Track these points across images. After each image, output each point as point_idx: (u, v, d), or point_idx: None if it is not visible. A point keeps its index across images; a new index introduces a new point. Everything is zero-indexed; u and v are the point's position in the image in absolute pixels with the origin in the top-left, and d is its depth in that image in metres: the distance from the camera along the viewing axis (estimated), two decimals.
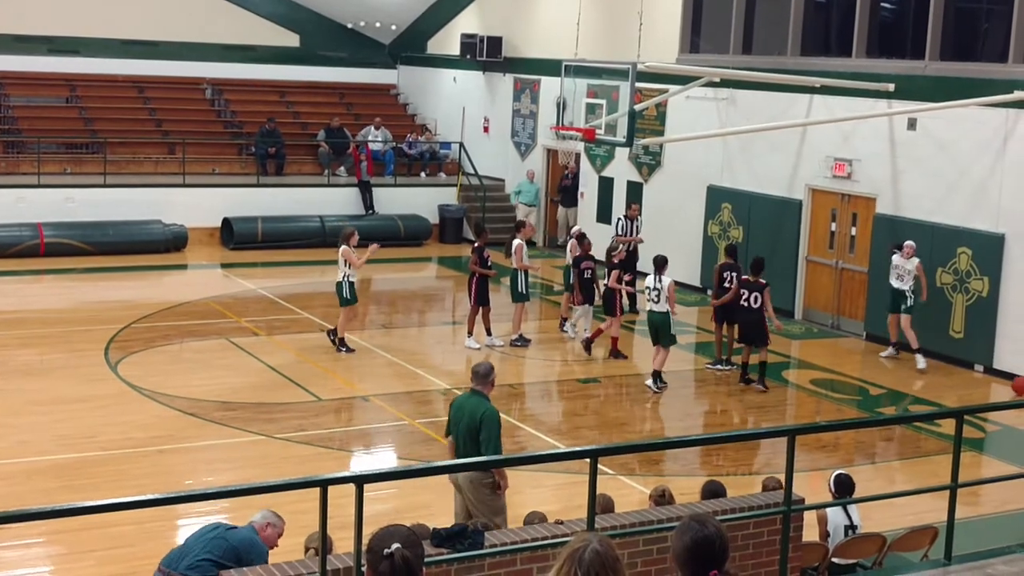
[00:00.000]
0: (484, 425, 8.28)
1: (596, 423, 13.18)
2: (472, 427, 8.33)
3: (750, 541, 6.67)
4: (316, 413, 12.91)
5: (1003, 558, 7.04)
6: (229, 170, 24.74)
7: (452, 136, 26.33)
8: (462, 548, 5.83)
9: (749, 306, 14.33)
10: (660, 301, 14.07)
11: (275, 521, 7.16)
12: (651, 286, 14.19)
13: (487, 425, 8.28)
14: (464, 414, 8.45)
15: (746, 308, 14.38)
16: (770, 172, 18.74)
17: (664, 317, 14.09)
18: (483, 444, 8.21)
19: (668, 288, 14.07)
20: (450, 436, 8.68)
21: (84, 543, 9.10)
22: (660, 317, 14.13)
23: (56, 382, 13.72)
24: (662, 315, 14.10)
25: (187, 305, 17.94)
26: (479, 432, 8.27)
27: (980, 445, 12.83)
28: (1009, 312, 15.31)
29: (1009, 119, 15.25)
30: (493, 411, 8.42)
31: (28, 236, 21.04)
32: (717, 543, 3.92)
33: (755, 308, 14.30)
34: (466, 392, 8.85)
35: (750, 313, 14.35)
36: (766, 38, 19.25)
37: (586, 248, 16.04)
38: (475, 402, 8.47)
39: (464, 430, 8.39)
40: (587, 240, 16.23)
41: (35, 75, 25.12)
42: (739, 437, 12.06)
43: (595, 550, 3.70)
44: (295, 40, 28.08)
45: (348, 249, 15.17)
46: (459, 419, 8.49)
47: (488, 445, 8.21)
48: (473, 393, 8.58)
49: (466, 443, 8.37)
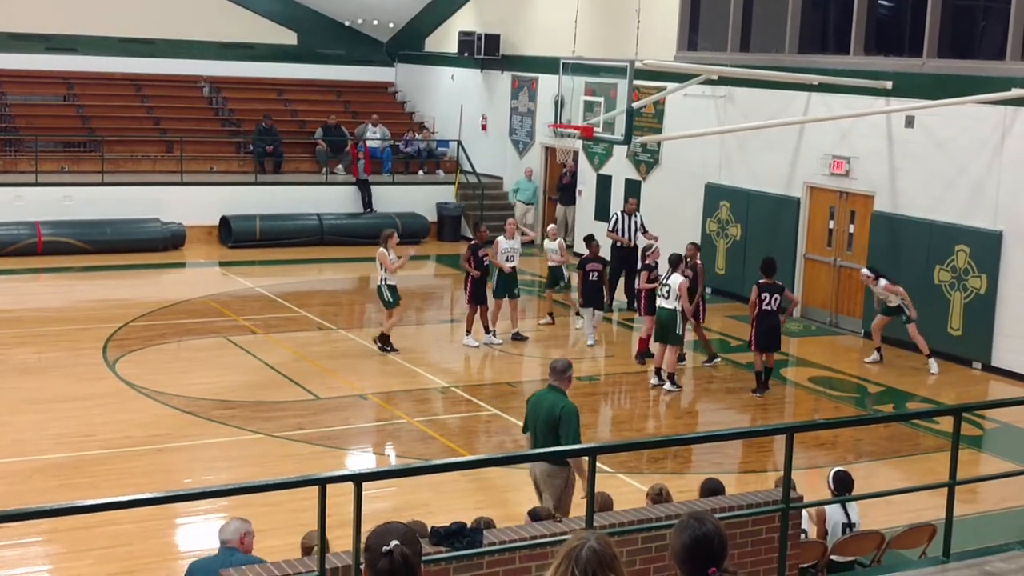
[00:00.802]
0: (563, 420, 8.42)
1: (595, 421, 13.19)
2: (551, 421, 8.46)
3: (748, 539, 6.67)
4: (314, 411, 12.91)
5: (1001, 555, 7.04)
6: (227, 168, 24.74)
7: (450, 134, 26.32)
8: (460, 547, 5.82)
9: (771, 309, 13.91)
10: (670, 298, 13.97)
11: (249, 528, 7.02)
12: (664, 282, 14.15)
13: (566, 420, 8.42)
14: (543, 409, 8.60)
15: (768, 312, 13.93)
16: (768, 170, 18.75)
17: (672, 314, 13.95)
18: (563, 438, 8.35)
19: (679, 287, 13.96)
20: (527, 432, 8.86)
21: (83, 542, 9.09)
22: (668, 314, 13.98)
23: (54, 381, 13.72)
24: (670, 312, 13.97)
25: (185, 303, 17.94)
26: (558, 426, 8.42)
27: (978, 442, 12.84)
28: (1007, 309, 15.32)
29: (1007, 116, 15.25)
30: (572, 406, 8.59)
31: (26, 235, 21.03)
32: (715, 540, 3.93)
33: (774, 311, 13.95)
34: (543, 388, 8.98)
35: (771, 317, 13.95)
36: (764, 36, 19.25)
37: (594, 250, 15.92)
38: (553, 397, 8.62)
39: (543, 424, 8.51)
40: (595, 242, 16.12)
41: (32, 73, 25.11)
42: (738, 435, 12.06)
43: (592, 548, 3.70)
44: (293, 38, 28.08)
45: (384, 252, 15.03)
46: (537, 414, 8.63)
47: (568, 439, 8.34)
48: (551, 388, 8.73)
49: (545, 437, 8.50)
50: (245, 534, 6.93)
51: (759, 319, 13.93)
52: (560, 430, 8.39)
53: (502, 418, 12.93)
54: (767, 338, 13.98)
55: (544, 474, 8.52)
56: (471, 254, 15.74)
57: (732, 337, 16.96)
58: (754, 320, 14.02)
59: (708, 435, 11.25)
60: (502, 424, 12.80)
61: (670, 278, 14.03)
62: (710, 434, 11.57)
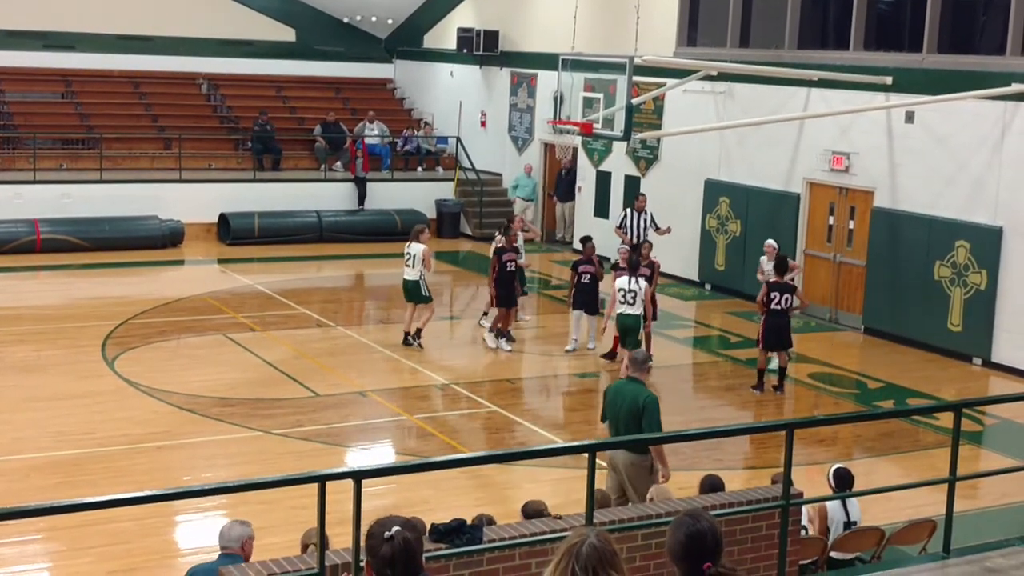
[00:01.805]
0: (646, 410, 8.66)
1: (594, 418, 13.17)
2: (634, 412, 8.68)
3: (749, 535, 6.66)
4: (314, 409, 12.90)
5: (1001, 551, 7.04)
6: (226, 165, 24.72)
7: (449, 130, 26.30)
8: (460, 543, 5.81)
9: (781, 308, 13.76)
10: (636, 303, 13.67)
11: (251, 533, 6.96)
12: (626, 288, 13.69)
13: (649, 410, 8.66)
14: (624, 400, 8.79)
15: (777, 311, 13.77)
16: (768, 166, 18.73)
17: (636, 321, 13.70)
18: (646, 428, 8.60)
19: (646, 291, 13.77)
20: (605, 422, 9.07)
21: (82, 539, 9.08)
22: (633, 320, 13.69)
23: (53, 378, 13.70)
24: (635, 318, 13.69)
25: (184, 301, 17.92)
26: (641, 417, 8.64)
27: (978, 438, 12.84)
28: (1007, 305, 15.31)
29: (1007, 112, 15.23)
30: (653, 396, 8.86)
31: (24, 232, 21.01)
32: (709, 536, 3.98)
33: (784, 310, 13.78)
34: (622, 379, 9.15)
35: (780, 316, 13.82)
36: (763, 31, 19.23)
37: (588, 252, 15.35)
38: (634, 388, 8.82)
39: (626, 415, 8.72)
40: (591, 243, 15.59)
41: (30, 71, 25.09)
42: (738, 431, 12.05)
43: (592, 544, 3.70)
44: (291, 35, 28.05)
45: (429, 250, 15.34)
46: (618, 405, 8.81)
47: (651, 428, 8.60)
48: (630, 380, 8.92)
49: (627, 426, 8.70)
50: (247, 540, 6.89)
51: (768, 318, 13.82)
52: (643, 420, 8.64)
53: (502, 415, 12.93)
54: (775, 337, 13.88)
55: (628, 463, 8.76)
56: (497, 260, 15.46)
57: (732, 333, 16.96)
58: (763, 318, 13.90)
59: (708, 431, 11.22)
60: (502, 421, 12.79)
61: (636, 282, 13.71)
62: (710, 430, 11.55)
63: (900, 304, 16.58)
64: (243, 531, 6.88)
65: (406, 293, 15.45)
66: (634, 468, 8.74)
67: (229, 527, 6.92)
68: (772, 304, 13.76)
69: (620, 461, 8.78)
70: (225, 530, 6.90)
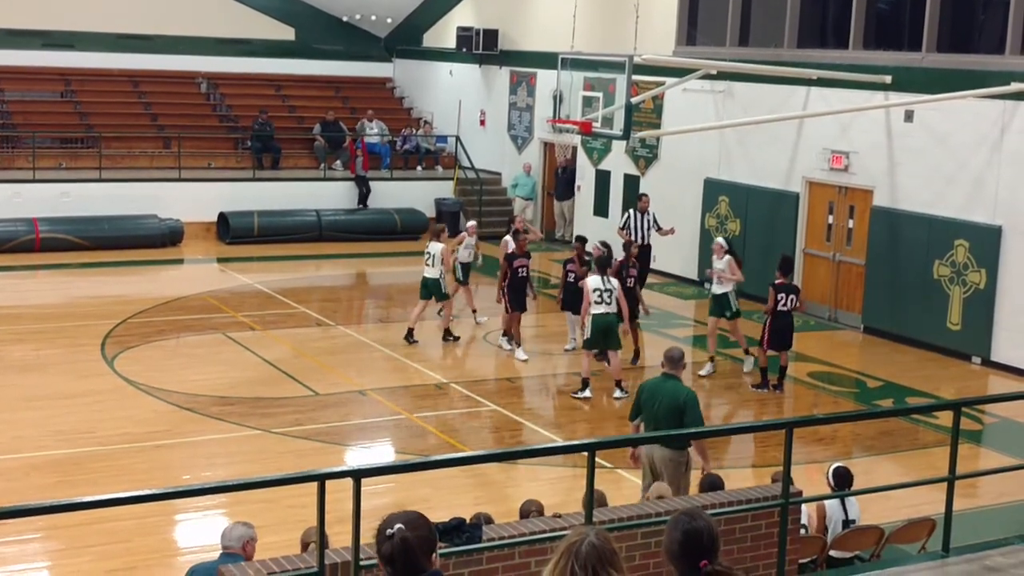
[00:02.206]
0: (688, 406, 8.87)
1: (594, 416, 13.18)
2: (674, 408, 8.86)
3: (748, 534, 6.66)
4: (313, 407, 12.90)
5: (1000, 550, 7.05)
6: (225, 164, 24.72)
7: (448, 129, 26.30)
8: (459, 542, 5.81)
9: (787, 310, 13.70)
10: (612, 303, 13.44)
11: (253, 534, 6.96)
12: (601, 287, 13.34)
13: (690, 406, 8.89)
14: (662, 397, 8.95)
15: (782, 312, 13.71)
16: (767, 165, 18.73)
17: (615, 319, 13.44)
18: (688, 424, 8.80)
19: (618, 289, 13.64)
20: (636, 419, 9.22)
21: (82, 538, 9.08)
22: (614, 319, 13.43)
23: (53, 378, 13.70)
24: (614, 316, 13.41)
25: (183, 300, 17.92)
26: (683, 413, 8.84)
27: (978, 437, 12.85)
28: (1006, 304, 15.31)
29: (1006, 111, 15.23)
30: (693, 393, 9.14)
31: (23, 231, 21.01)
32: (705, 534, 3.99)
33: (788, 312, 13.75)
34: (655, 377, 9.29)
35: (786, 316, 13.76)
36: (763, 30, 19.23)
37: (577, 252, 15.21)
38: (673, 385, 9.02)
39: (665, 411, 8.89)
40: (580, 243, 15.51)
41: (30, 70, 25.08)
42: (737, 430, 12.05)
43: (592, 543, 3.71)
44: (290, 33, 28.04)
45: (448, 249, 15.58)
46: (654, 402, 8.97)
47: (693, 423, 8.84)
48: (666, 377, 9.09)
49: (668, 423, 8.87)
50: (248, 541, 6.90)
51: (774, 319, 13.78)
52: (686, 416, 8.82)
53: (501, 414, 12.93)
54: (780, 337, 13.87)
55: (665, 458, 8.86)
56: (508, 265, 15.21)
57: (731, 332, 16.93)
58: (769, 319, 13.85)
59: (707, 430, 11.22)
60: (501, 420, 12.80)
61: (609, 281, 13.41)
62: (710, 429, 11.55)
63: (899, 303, 16.59)
64: (245, 532, 6.89)
65: (424, 290, 15.54)
66: (672, 464, 8.88)
67: (231, 527, 6.93)
68: (779, 305, 13.73)
69: (658, 458, 8.89)
70: (227, 530, 6.91)
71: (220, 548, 6.90)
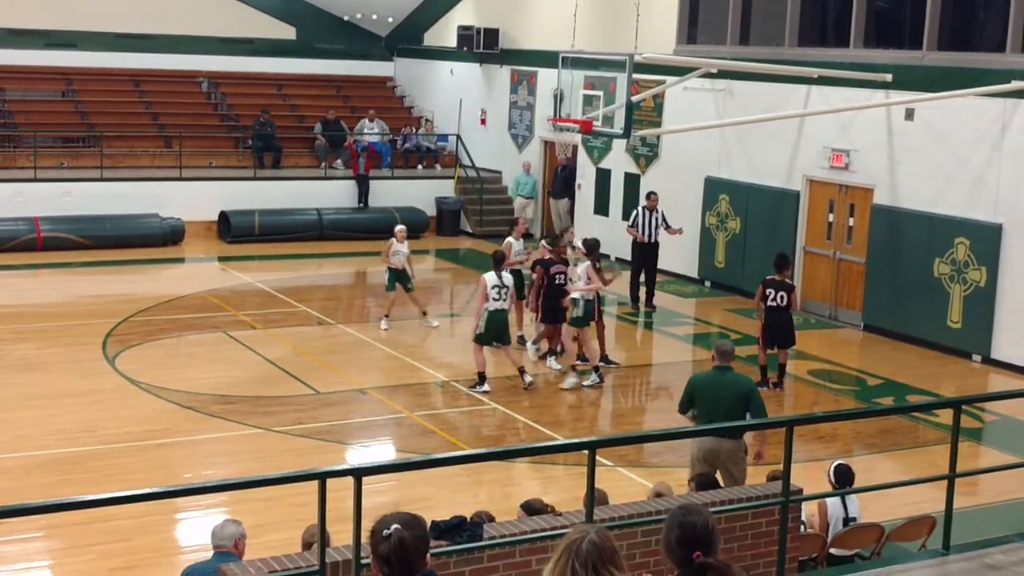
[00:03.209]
0: (752, 396, 9.14)
1: (595, 415, 13.19)
2: (740, 398, 9.08)
3: (748, 532, 6.68)
4: (314, 406, 12.91)
5: (1001, 547, 7.05)
6: (226, 163, 24.72)
7: (449, 128, 26.30)
8: (460, 541, 5.82)
9: (777, 305, 13.72)
10: (506, 300, 13.47)
11: (243, 531, 6.97)
12: (499, 284, 13.36)
13: (755, 395, 9.18)
14: (729, 388, 9.15)
15: (774, 308, 13.74)
16: (768, 163, 18.73)
17: (506, 315, 13.59)
18: (754, 411, 9.06)
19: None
20: (690, 412, 9.37)
21: (83, 537, 9.10)
22: (504, 315, 13.55)
23: (54, 376, 13.71)
24: (506, 313, 13.56)
25: (184, 299, 17.93)
26: (747, 403, 9.08)
27: (978, 435, 12.85)
28: (1007, 302, 15.31)
29: (1007, 109, 15.23)
30: (753, 381, 9.63)
31: (25, 230, 21.02)
32: (700, 528, 4.00)
33: (783, 307, 13.75)
34: (707, 372, 9.51)
35: (778, 313, 13.78)
36: (763, 29, 19.23)
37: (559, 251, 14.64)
38: (733, 376, 9.28)
39: (732, 401, 9.09)
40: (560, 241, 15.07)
41: (31, 69, 25.09)
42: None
43: (592, 541, 3.71)
44: (291, 33, 28.04)
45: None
46: (714, 395, 9.17)
47: (759, 411, 9.09)
48: (721, 369, 9.29)
49: (733, 415, 9.05)
50: (240, 538, 6.92)
51: (767, 315, 13.79)
52: (751, 404, 9.07)
53: (502, 412, 12.94)
54: (777, 334, 13.87)
55: (731, 451, 9.09)
56: (543, 271, 14.24)
57: (731, 331, 16.95)
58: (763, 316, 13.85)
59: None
60: (502, 418, 12.80)
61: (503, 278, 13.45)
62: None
63: (900, 301, 16.59)
64: (235, 529, 6.92)
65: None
66: (735, 455, 9.12)
67: (221, 526, 6.95)
68: (768, 300, 13.75)
69: (724, 451, 9.06)
70: (218, 529, 6.93)
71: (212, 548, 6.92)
